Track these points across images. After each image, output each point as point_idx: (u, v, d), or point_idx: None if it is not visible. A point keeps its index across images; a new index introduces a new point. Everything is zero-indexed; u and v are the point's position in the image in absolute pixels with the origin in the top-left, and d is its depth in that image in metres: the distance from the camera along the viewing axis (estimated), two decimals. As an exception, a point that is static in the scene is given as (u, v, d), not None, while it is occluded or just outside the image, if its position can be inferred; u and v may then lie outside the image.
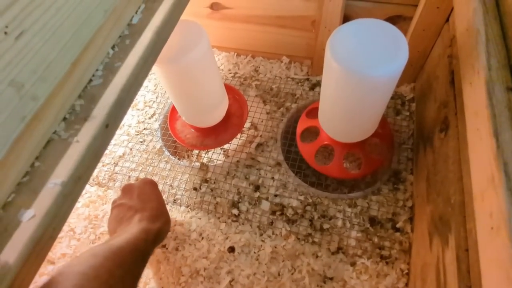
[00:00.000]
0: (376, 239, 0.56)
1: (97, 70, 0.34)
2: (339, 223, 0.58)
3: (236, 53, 0.86)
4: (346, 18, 0.67)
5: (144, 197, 0.50)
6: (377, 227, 0.57)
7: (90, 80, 0.34)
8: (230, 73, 0.82)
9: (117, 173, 0.70)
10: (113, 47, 0.36)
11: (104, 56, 0.35)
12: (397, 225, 0.57)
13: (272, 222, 0.60)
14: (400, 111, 0.70)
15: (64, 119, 0.31)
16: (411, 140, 0.66)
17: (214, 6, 0.74)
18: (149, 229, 0.44)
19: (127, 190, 0.52)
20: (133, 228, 0.44)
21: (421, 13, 0.57)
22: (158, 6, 0.40)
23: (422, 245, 0.50)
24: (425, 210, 0.51)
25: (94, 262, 0.35)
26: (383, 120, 0.65)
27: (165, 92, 0.82)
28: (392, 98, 0.72)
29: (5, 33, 0.24)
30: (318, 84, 0.77)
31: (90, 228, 0.64)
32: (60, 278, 0.33)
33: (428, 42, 0.62)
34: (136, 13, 0.39)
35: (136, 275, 0.39)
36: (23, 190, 0.28)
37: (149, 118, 0.78)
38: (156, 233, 0.45)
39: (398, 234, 0.56)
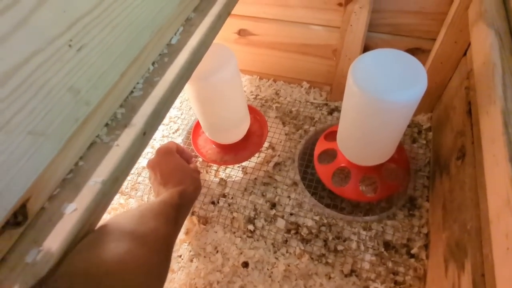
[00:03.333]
0: (390, 264, 0.56)
1: (138, 83, 0.38)
2: (354, 245, 0.59)
3: (258, 77, 0.90)
4: (366, 49, 0.70)
5: (165, 174, 0.57)
6: (391, 251, 0.57)
7: (132, 92, 0.37)
8: (252, 95, 0.86)
9: (139, 183, 0.73)
10: (153, 64, 0.40)
11: (145, 71, 0.39)
12: (412, 251, 0.57)
13: (286, 240, 0.61)
14: (417, 139, 0.71)
15: (107, 124, 0.35)
16: (428, 168, 0.66)
17: (241, 32, 0.79)
18: (172, 194, 0.51)
19: (151, 167, 0.60)
20: (158, 197, 0.52)
21: (440, 47, 0.60)
22: (195, 30, 0.44)
23: (438, 273, 0.49)
24: (440, 237, 0.51)
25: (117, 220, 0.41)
26: (400, 147, 0.66)
27: (190, 109, 0.86)
28: (409, 126, 0.73)
29: (69, 45, 0.28)
30: (336, 109, 0.80)
31: (109, 235, 0.66)
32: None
33: (445, 74, 0.64)
34: (175, 34, 0.43)
35: (162, 233, 0.43)
36: (67, 186, 0.31)
37: (173, 133, 0.81)
38: (180, 195, 0.52)
39: (412, 260, 0.56)
